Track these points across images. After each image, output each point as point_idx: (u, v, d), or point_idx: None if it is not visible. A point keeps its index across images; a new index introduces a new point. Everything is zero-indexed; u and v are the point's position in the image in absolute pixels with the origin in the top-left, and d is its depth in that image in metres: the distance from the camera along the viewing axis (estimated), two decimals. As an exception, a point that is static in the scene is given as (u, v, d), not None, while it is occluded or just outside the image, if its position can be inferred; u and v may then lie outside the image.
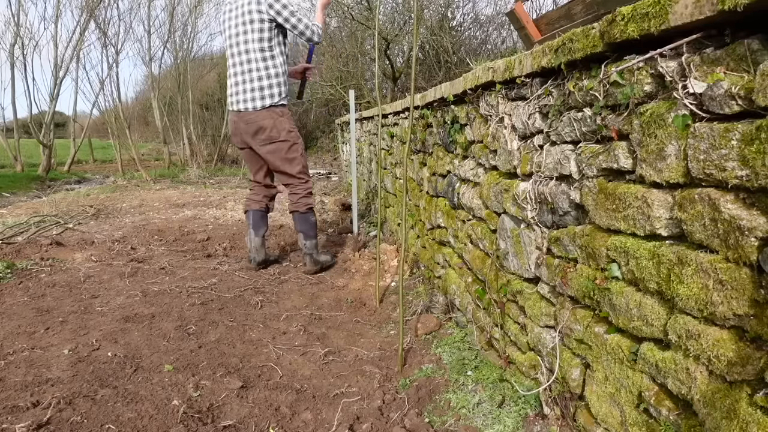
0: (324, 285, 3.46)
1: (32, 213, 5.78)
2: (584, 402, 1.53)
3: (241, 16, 3.42)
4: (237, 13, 3.45)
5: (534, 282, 1.85)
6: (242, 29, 3.42)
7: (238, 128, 3.56)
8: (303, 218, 3.65)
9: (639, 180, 1.24)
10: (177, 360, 2.29)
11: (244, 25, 3.41)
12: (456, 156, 2.62)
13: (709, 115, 1.02)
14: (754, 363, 0.94)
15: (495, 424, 1.78)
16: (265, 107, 3.46)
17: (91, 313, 2.86)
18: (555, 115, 1.60)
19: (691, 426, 1.11)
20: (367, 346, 2.54)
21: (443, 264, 2.89)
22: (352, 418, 1.88)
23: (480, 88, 2.17)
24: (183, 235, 4.85)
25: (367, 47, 10.56)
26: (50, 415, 1.77)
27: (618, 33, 1.21)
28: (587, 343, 1.47)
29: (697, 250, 1.06)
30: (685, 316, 1.10)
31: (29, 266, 3.68)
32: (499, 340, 2.13)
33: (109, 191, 8.37)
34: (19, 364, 2.20)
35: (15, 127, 12.76)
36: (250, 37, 3.41)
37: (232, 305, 3.02)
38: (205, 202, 6.94)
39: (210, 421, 1.82)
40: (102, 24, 12.12)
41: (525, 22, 3.07)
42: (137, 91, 27.81)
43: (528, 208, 1.79)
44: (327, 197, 7.00)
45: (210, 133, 15.06)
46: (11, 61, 12.08)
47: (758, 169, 0.90)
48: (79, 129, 13.86)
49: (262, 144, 3.52)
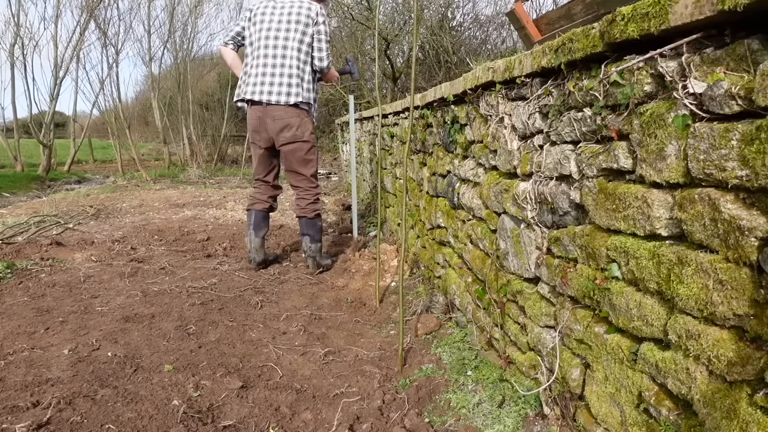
0: (324, 285, 3.46)
1: (32, 213, 5.78)
2: (584, 402, 1.53)
3: (287, 14, 3.49)
4: (282, 11, 3.50)
5: (534, 282, 1.85)
6: (285, 26, 3.48)
7: (264, 124, 3.54)
8: (310, 223, 3.67)
9: (639, 180, 1.24)
10: (177, 360, 2.29)
11: (289, 23, 3.47)
12: (456, 156, 2.62)
13: (709, 115, 1.02)
14: (754, 363, 0.94)
15: (495, 424, 1.78)
16: (292, 104, 3.48)
17: (91, 313, 2.86)
18: (555, 115, 1.60)
19: (691, 426, 1.11)
20: (367, 346, 2.54)
21: (443, 264, 2.89)
22: (352, 418, 1.88)
23: (480, 88, 2.17)
24: (183, 235, 4.85)
25: (367, 47, 10.56)
26: (50, 415, 1.77)
27: (618, 33, 1.21)
28: (587, 343, 1.47)
29: (697, 250, 1.06)
30: (685, 316, 1.10)
31: (29, 266, 3.68)
32: (499, 340, 2.13)
33: (109, 191, 8.37)
34: (19, 364, 2.20)
35: (15, 127, 12.76)
36: (292, 35, 3.47)
37: (232, 305, 3.02)
38: (205, 202, 6.94)
39: (210, 421, 1.82)
40: (102, 24, 12.12)
41: (525, 22, 3.07)
42: (137, 91, 27.82)
43: (528, 208, 1.79)
44: (327, 197, 7.00)
45: (210, 133, 15.06)
46: (11, 61, 12.09)
47: (758, 169, 0.90)
48: (79, 129, 13.87)
49: (286, 142, 3.53)
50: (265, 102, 3.49)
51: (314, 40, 3.51)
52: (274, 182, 3.79)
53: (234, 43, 3.70)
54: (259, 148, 3.66)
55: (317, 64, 3.54)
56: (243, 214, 5.88)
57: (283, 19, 3.49)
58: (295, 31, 3.47)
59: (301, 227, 3.73)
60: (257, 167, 3.78)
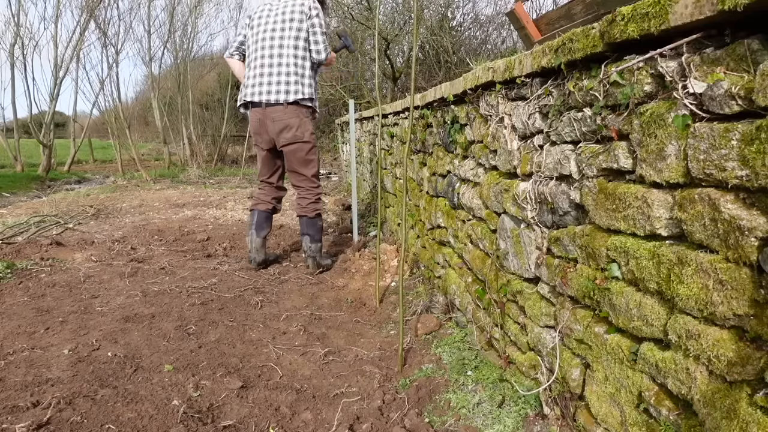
0: (324, 285, 3.46)
1: (32, 213, 5.78)
2: (584, 402, 1.53)
3: (281, 14, 3.51)
4: (277, 11, 3.53)
5: (534, 282, 1.85)
6: (280, 26, 3.49)
7: (264, 126, 3.55)
8: (311, 223, 3.68)
9: (639, 180, 1.24)
10: (177, 360, 2.29)
11: (283, 22, 3.49)
12: (456, 156, 2.62)
13: (709, 115, 1.02)
14: (754, 363, 0.94)
15: (495, 424, 1.78)
16: (290, 102, 3.48)
17: (91, 313, 2.86)
18: (555, 115, 1.60)
19: (691, 426, 1.11)
20: (367, 346, 2.54)
21: (443, 264, 2.89)
22: (352, 418, 1.88)
23: (480, 88, 2.17)
24: (183, 235, 4.85)
25: (367, 47, 10.55)
26: (50, 415, 1.77)
27: (618, 33, 1.21)
28: (587, 343, 1.47)
29: (697, 250, 1.06)
30: (685, 316, 1.10)
31: (29, 266, 3.68)
32: (499, 340, 2.13)
33: (109, 191, 8.37)
34: (19, 364, 2.20)
35: (15, 127, 12.76)
36: (287, 33, 3.48)
37: (232, 305, 3.02)
38: (205, 202, 6.94)
39: (210, 421, 1.82)
40: (102, 24, 12.12)
41: (525, 22, 3.07)
42: (137, 91, 27.80)
43: (528, 208, 1.79)
44: (327, 197, 7.00)
45: (210, 133, 15.06)
46: (11, 61, 12.09)
47: (758, 169, 0.90)
48: (79, 129, 13.87)
49: (286, 143, 3.54)
50: (264, 102, 3.50)
51: (309, 33, 3.51)
52: (278, 183, 3.80)
53: (239, 53, 3.75)
54: (262, 150, 3.69)
55: (315, 57, 3.54)
56: (243, 214, 5.88)
57: (278, 19, 3.51)
58: (290, 29, 3.48)
59: (301, 227, 3.74)
60: (261, 169, 3.80)
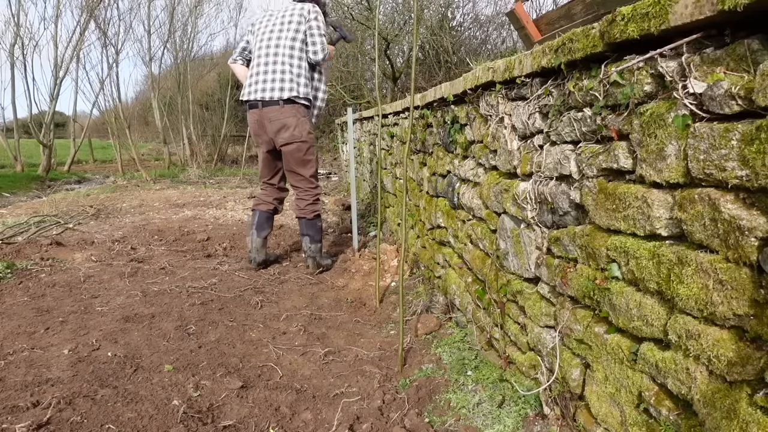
0: (324, 285, 3.46)
1: (32, 213, 5.78)
2: (584, 402, 1.53)
3: (281, 18, 3.58)
4: (276, 17, 3.61)
5: (534, 282, 1.85)
6: (279, 28, 3.55)
7: (263, 127, 3.56)
8: (310, 224, 3.68)
9: (639, 180, 1.24)
10: (177, 360, 2.29)
11: (281, 25, 3.55)
12: (456, 156, 2.62)
13: (709, 115, 1.02)
14: (754, 363, 0.94)
15: (495, 424, 1.78)
16: (285, 99, 3.49)
17: (91, 313, 2.86)
18: (555, 115, 1.60)
19: (691, 426, 1.11)
20: (367, 346, 2.54)
21: (443, 264, 2.89)
22: (352, 418, 1.88)
23: (480, 88, 2.17)
24: (183, 235, 4.85)
25: (367, 47, 10.56)
26: (50, 415, 1.77)
27: (618, 33, 1.21)
28: (587, 343, 1.47)
29: (697, 250, 1.06)
30: (685, 316, 1.10)
31: (29, 266, 3.68)
32: (499, 340, 2.13)
33: (109, 191, 8.37)
34: (19, 364, 2.20)
35: (15, 127, 12.76)
36: (284, 34, 3.53)
37: (232, 305, 3.02)
38: (205, 202, 6.94)
39: (210, 421, 1.82)
40: (102, 24, 12.12)
41: (525, 22, 3.07)
42: (137, 91, 27.81)
43: (528, 208, 1.79)
44: (327, 197, 7.00)
45: (210, 133, 15.06)
46: (11, 61, 12.09)
47: (758, 169, 0.90)
48: (79, 129, 13.87)
49: (284, 142, 3.55)
50: (260, 101, 3.51)
51: (307, 35, 3.54)
52: (280, 184, 3.80)
53: (242, 58, 3.78)
54: (262, 151, 3.70)
55: (311, 57, 3.55)
56: (243, 214, 5.88)
57: (277, 23, 3.57)
58: (288, 30, 3.52)
59: (300, 228, 3.74)
60: (262, 170, 3.80)
